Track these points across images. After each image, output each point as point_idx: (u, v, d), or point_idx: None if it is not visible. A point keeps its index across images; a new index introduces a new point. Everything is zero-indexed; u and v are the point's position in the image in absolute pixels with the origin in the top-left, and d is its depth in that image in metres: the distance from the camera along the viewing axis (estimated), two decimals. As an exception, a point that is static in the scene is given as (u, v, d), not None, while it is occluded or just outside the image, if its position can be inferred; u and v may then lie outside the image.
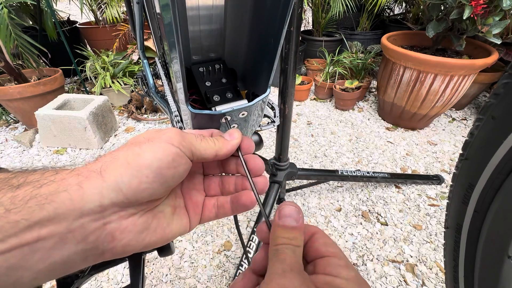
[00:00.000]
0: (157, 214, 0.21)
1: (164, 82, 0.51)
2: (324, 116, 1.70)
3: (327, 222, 0.99)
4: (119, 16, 2.13)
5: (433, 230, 0.95)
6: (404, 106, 1.42)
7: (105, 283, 0.81)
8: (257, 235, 0.23)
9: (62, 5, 2.54)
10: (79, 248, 0.16)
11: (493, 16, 1.09)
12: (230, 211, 0.25)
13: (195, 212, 0.24)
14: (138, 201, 0.18)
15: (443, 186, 1.13)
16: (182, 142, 0.20)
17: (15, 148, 1.43)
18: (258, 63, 0.40)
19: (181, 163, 0.20)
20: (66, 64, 1.86)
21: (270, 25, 0.34)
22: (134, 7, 0.50)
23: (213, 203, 0.25)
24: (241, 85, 0.45)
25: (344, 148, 1.39)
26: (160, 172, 0.19)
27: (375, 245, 0.91)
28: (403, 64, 1.31)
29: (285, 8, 0.30)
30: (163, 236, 0.21)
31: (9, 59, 1.40)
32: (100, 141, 1.41)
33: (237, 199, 0.24)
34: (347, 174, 1.02)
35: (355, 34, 2.18)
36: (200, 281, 0.81)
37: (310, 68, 2.04)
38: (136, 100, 1.68)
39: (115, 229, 0.18)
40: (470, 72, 1.21)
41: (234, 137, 0.24)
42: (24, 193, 0.15)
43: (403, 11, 2.34)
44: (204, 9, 0.35)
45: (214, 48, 0.41)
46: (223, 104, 0.35)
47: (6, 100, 1.45)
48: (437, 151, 1.36)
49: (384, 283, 0.80)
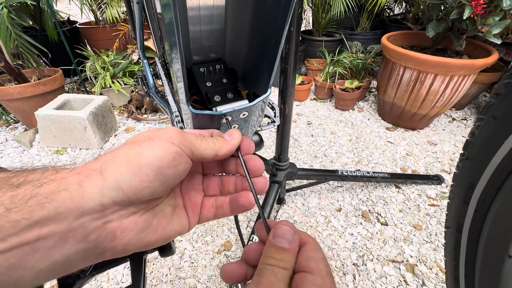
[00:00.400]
0: (158, 213, 0.21)
1: (164, 82, 0.51)
2: (324, 116, 1.70)
3: (327, 222, 0.99)
4: (119, 16, 2.13)
5: (433, 230, 0.95)
6: (404, 106, 1.42)
7: (105, 283, 0.81)
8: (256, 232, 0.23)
9: (62, 5, 2.54)
10: (79, 247, 0.16)
11: (493, 16, 1.09)
12: (229, 212, 0.25)
13: (194, 212, 0.24)
14: (139, 200, 0.18)
15: (443, 186, 1.13)
16: (183, 141, 0.20)
17: (15, 148, 1.43)
18: (258, 63, 0.40)
19: (182, 162, 0.20)
20: (66, 64, 1.86)
21: (271, 25, 0.34)
22: (134, 7, 0.50)
23: (212, 203, 0.25)
24: (241, 85, 0.45)
25: (344, 148, 1.39)
26: (160, 171, 0.19)
27: (375, 245, 0.91)
28: (403, 64, 1.31)
29: (286, 8, 0.30)
30: (164, 235, 0.21)
31: (9, 59, 1.40)
32: (100, 141, 1.41)
33: (236, 200, 0.24)
34: (347, 174, 1.02)
35: (355, 34, 2.18)
36: (200, 281, 0.81)
37: (310, 68, 2.04)
38: (136, 100, 1.68)
39: (116, 228, 0.18)
40: (470, 72, 1.21)
41: (234, 137, 0.24)
42: (24, 192, 0.15)
43: (403, 11, 2.34)
44: (204, 9, 0.35)
45: (215, 48, 0.41)
46: (224, 105, 0.35)
47: (6, 100, 1.45)
48: (437, 151, 1.36)
49: (384, 283, 0.80)
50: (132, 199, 0.18)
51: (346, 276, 0.82)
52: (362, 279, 0.81)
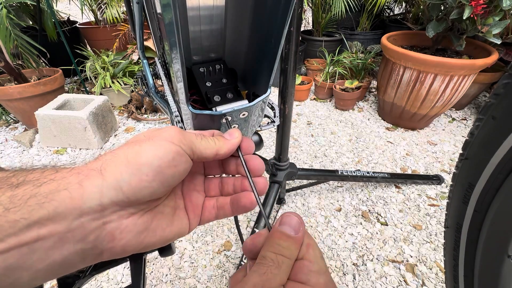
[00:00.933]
0: (157, 214, 0.21)
1: (164, 82, 0.51)
2: (324, 116, 1.70)
3: (327, 222, 0.99)
4: (119, 16, 2.13)
5: (433, 230, 0.95)
6: (404, 106, 1.42)
7: (105, 283, 0.81)
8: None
9: (62, 5, 2.54)
10: (78, 248, 0.16)
11: (493, 16, 1.09)
12: (231, 212, 0.25)
13: (195, 213, 0.24)
14: (138, 200, 0.18)
15: (443, 186, 1.13)
16: (183, 140, 0.20)
17: (15, 148, 1.43)
18: (258, 63, 0.40)
19: (182, 161, 0.20)
20: (66, 64, 1.86)
21: (271, 25, 0.34)
22: (134, 7, 0.50)
23: (213, 204, 0.25)
24: (241, 85, 0.45)
25: (344, 148, 1.39)
26: (160, 171, 0.19)
27: (375, 245, 0.91)
28: (403, 64, 1.31)
29: (286, 8, 0.30)
30: (163, 237, 0.21)
31: (9, 59, 1.40)
32: (100, 141, 1.41)
33: (237, 200, 0.24)
34: (347, 174, 1.02)
35: (355, 34, 2.18)
36: (200, 281, 0.81)
37: (310, 68, 2.04)
38: (136, 100, 1.68)
39: (115, 228, 0.18)
40: (470, 72, 1.21)
41: (234, 137, 0.24)
42: (24, 192, 0.15)
43: (403, 11, 2.34)
44: (204, 9, 0.35)
45: (215, 48, 0.41)
46: (223, 105, 0.35)
47: (6, 100, 1.45)
48: (437, 151, 1.36)
49: (384, 283, 0.80)
50: (131, 199, 0.18)
51: (346, 276, 0.82)
52: (362, 279, 0.81)
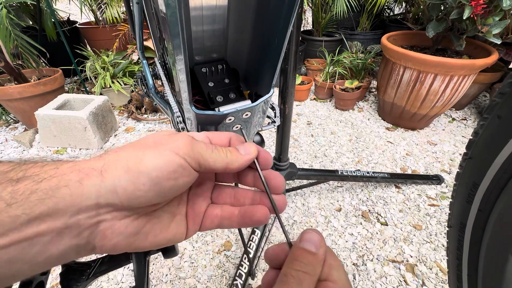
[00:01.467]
0: (152, 219, 0.20)
1: (164, 82, 0.50)
2: (324, 116, 1.70)
3: (327, 222, 0.99)
4: (119, 16, 2.13)
5: (433, 230, 0.95)
6: (404, 106, 1.42)
7: (105, 283, 0.81)
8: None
9: (62, 5, 2.54)
10: (73, 243, 0.17)
11: (493, 16, 1.09)
12: (236, 224, 0.23)
13: (195, 221, 0.23)
14: (132, 206, 0.18)
15: (443, 186, 1.13)
16: (190, 152, 0.20)
17: (15, 148, 1.43)
18: (260, 63, 0.40)
19: (184, 174, 0.19)
20: (66, 64, 1.86)
21: (274, 26, 0.34)
22: (134, 7, 0.50)
23: (217, 213, 0.24)
24: (243, 85, 0.45)
25: (344, 148, 1.40)
26: (158, 182, 0.18)
27: (375, 245, 0.91)
28: (403, 64, 1.31)
29: (290, 8, 0.30)
30: (153, 242, 0.21)
31: (9, 59, 1.40)
32: (100, 141, 1.41)
33: (250, 213, 0.23)
34: (347, 174, 1.02)
35: (355, 34, 2.18)
36: (200, 281, 0.81)
37: (310, 68, 2.04)
38: (136, 100, 1.68)
39: (107, 228, 0.18)
40: (470, 72, 1.21)
41: (249, 152, 0.23)
42: (25, 188, 0.15)
43: (403, 11, 2.34)
44: (207, 9, 0.35)
45: (217, 48, 0.40)
46: (226, 105, 0.35)
47: (6, 100, 1.44)
48: (437, 151, 1.36)
49: (384, 283, 0.80)
50: (125, 204, 0.18)
51: (347, 276, 0.82)
52: (362, 279, 0.81)
